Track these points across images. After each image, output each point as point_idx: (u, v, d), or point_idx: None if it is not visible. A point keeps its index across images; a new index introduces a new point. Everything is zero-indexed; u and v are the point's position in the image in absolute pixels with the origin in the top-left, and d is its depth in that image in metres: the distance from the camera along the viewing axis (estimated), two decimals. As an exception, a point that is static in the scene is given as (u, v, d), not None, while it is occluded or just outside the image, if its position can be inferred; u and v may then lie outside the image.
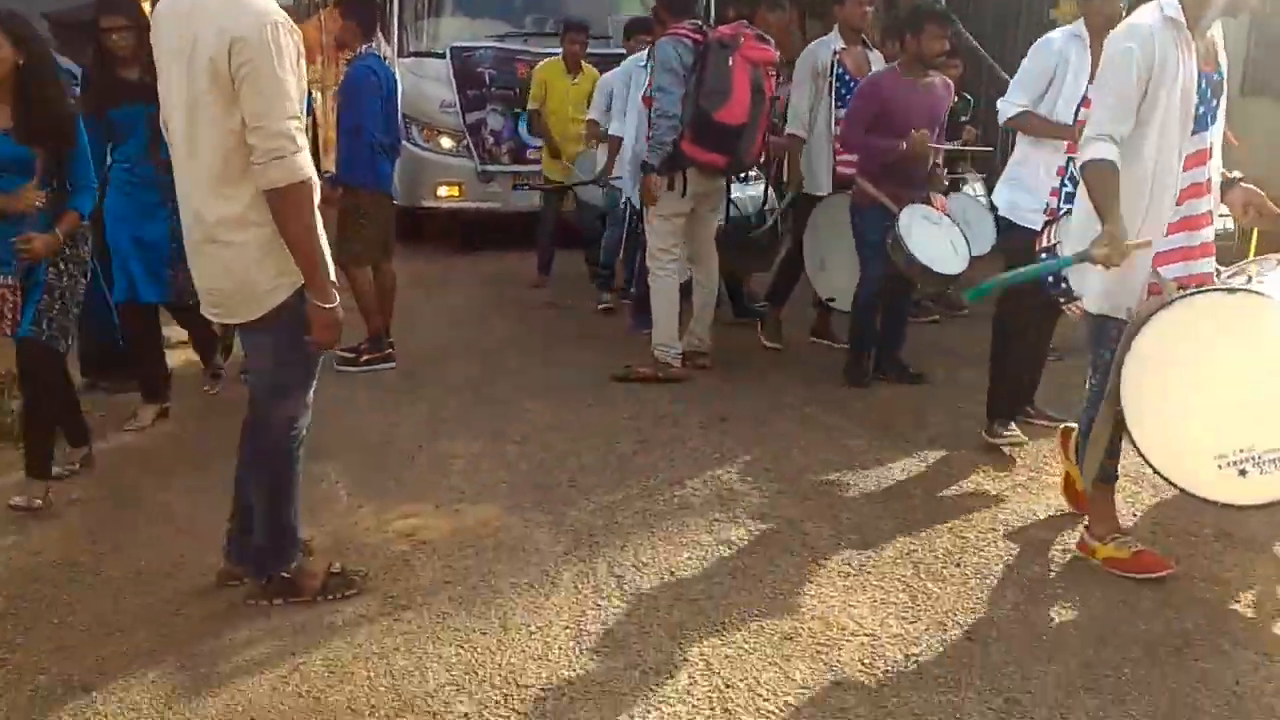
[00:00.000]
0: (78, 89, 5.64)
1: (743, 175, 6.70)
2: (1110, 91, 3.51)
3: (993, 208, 5.53)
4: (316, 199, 3.29)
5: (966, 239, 5.79)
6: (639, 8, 9.78)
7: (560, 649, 3.33)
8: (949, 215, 5.89)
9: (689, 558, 3.94)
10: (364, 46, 6.48)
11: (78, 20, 6.03)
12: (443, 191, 9.82)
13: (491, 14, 10.32)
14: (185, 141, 3.29)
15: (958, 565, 3.88)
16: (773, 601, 3.62)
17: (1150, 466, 3.62)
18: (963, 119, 7.88)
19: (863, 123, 5.84)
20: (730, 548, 4.02)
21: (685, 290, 6.40)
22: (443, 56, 9.74)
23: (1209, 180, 3.63)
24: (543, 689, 3.13)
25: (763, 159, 6.63)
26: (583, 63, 8.56)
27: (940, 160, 6.21)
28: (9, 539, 4.21)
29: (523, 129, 9.59)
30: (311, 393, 3.59)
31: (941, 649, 3.33)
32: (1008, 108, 4.97)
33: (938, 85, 5.95)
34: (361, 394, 5.92)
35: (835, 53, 6.56)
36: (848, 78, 6.51)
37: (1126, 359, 3.49)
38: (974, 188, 8.09)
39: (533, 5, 10.52)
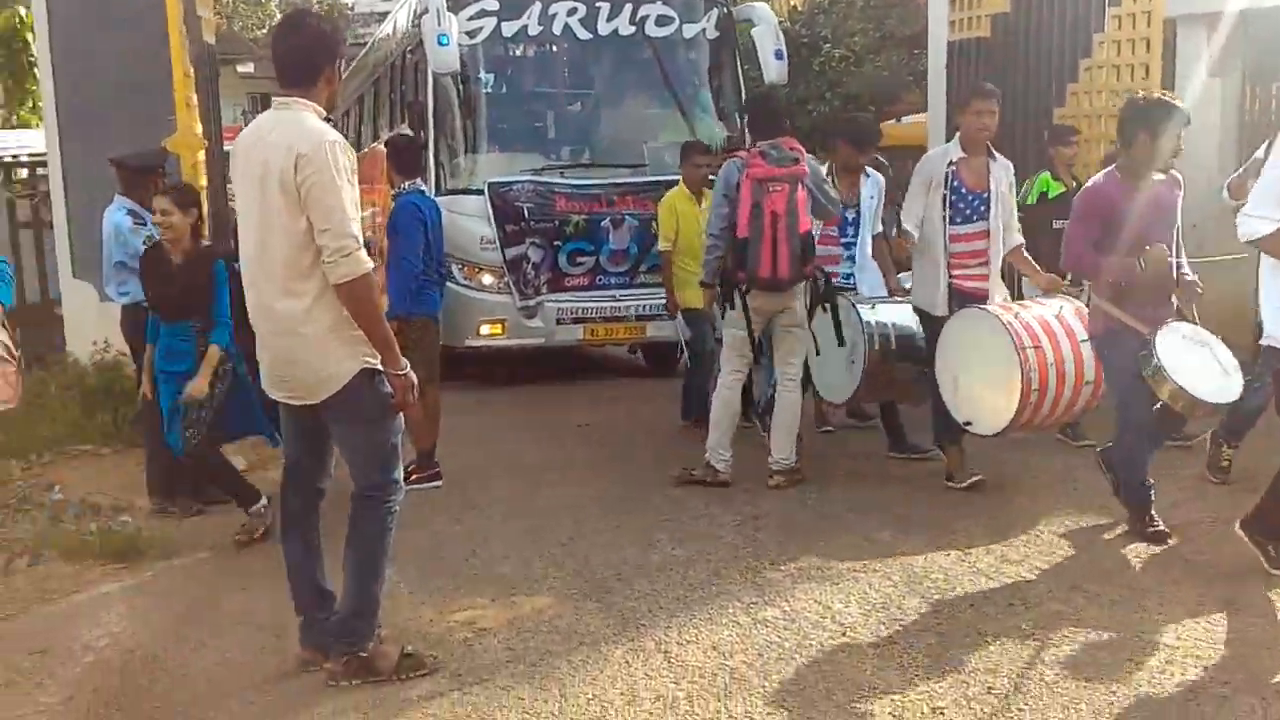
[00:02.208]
0: (143, 227, 6.25)
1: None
2: None
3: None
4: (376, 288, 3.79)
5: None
6: (675, 135, 9.90)
7: (616, 712, 3.67)
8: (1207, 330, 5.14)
9: (729, 635, 4.27)
10: (407, 183, 7.03)
11: (141, 165, 6.62)
12: (485, 330, 9.68)
13: (527, 148, 10.29)
14: (257, 248, 3.83)
15: (979, 633, 4.20)
16: (808, 667, 3.94)
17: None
18: None
19: (1087, 239, 5.16)
20: (766, 625, 4.35)
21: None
22: (480, 193, 9.60)
23: None
24: (602, 745, 3.47)
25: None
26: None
27: (1185, 265, 5.28)
28: (102, 640, 4.60)
29: (562, 259, 9.59)
30: (400, 470, 4.01)
31: (964, 703, 3.64)
32: (1257, 224, 4.58)
33: (1165, 184, 5.23)
34: (411, 509, 6.27)
35: (952, 163, 6.12)
36: (964, 190, 6.10)
37: None
38: None
39: (568, 138, 10.57)
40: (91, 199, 8.04)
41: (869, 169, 7.16)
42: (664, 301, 8.07)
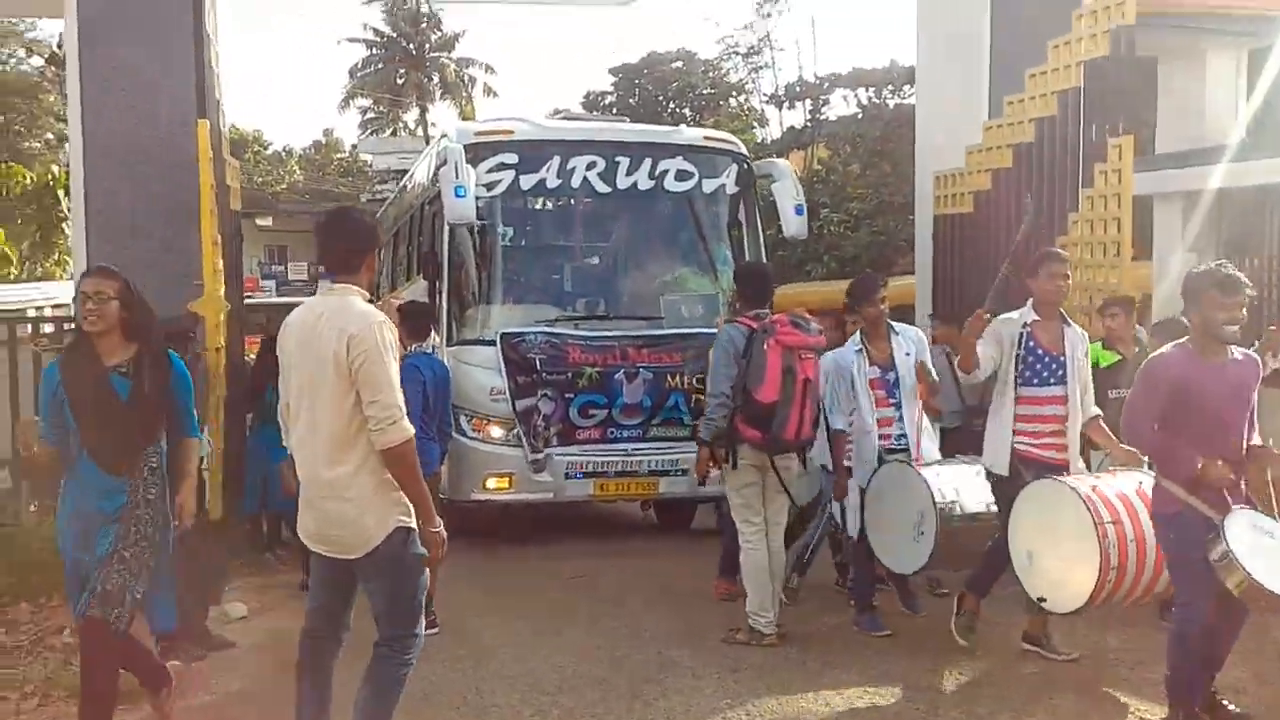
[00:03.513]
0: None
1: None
2: None
3: None
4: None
5: None
6: (693, 289, 10.19)
7: None
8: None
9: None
10: (415, 345, 7.47)
11: (171, 331, 7.01)
12: (492, 484, 9.34)
13: (542, 300, 10.12)
14: (309, 420, 4.25)
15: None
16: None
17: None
18: None
19: (1150, 415, 4.93)
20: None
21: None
22: (493, 343, 9.37)
23: None
24: None
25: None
26: None
27: (1257, 437, 5.03)
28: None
29: (574, 412, 9.30)
30: (422, 624, 4.37)
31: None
32: None
33: (1244, 363, 4.98)
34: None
35: (1026, 325, 6.10)
36: (1040, 351, 6.06)
37: None
38: None
39: (584, 290, 10.36)
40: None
41: (895, 326, 7.08)
42: (678, 458, 8.30)
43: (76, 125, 8.85)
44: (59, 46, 23.89)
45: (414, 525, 4.25)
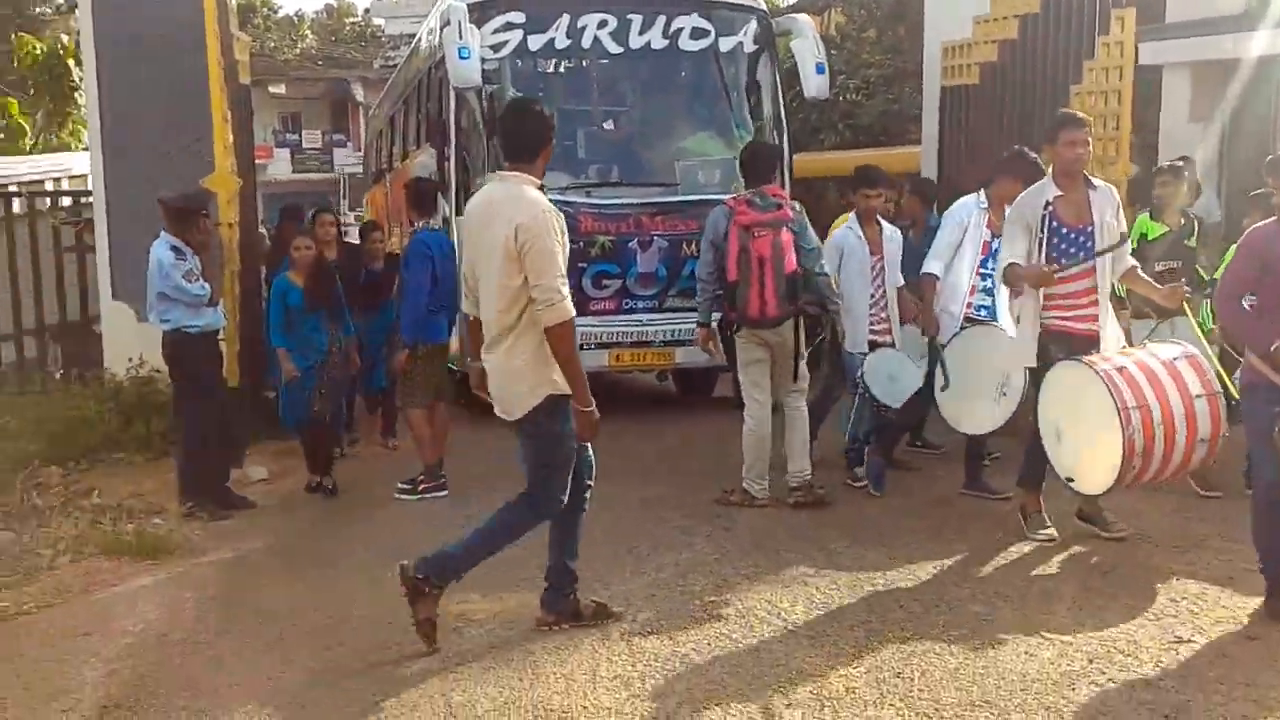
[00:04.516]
0: (184, 262, 6.93)
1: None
2: None
3: None
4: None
5: None
6: (710, 153, 9.82)
7: (578, 686, 4.29)
8: None
9: (686, 627, 4.88)
10: (421, 221, 7.70)
11: (185, 206, 7.28)
12: None
13: (553, 167, 9.40)
14: (485, 293, 4.69)
15: (901, 628, 4.79)
16: (749, 653, 4.56)
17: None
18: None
19: (1242, 285, 4.89)
20: (720, 620, 4.95)
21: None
22: None
23: None
24: (563, 713, 4.07)
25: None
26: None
27: None
28: (139, 625, 5.27)
29: (587, 282, 9.06)
30: (556, 497, 4.78)
31: (875, 684, 4.23)
32: None
33: None
34: (419, 516, 6.93)
35: (1048, 203, 5.75)
36: (1065, 230, 5.75)
37: None
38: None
39: (596, 156, 10.05)
40: (132, 228, 8.71)
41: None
42: (695, 327, 8.44)
43: (87, 9, 8.97)
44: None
45: (565, 393, 4.62)
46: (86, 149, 11.05)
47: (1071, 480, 5.64)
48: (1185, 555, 5.65)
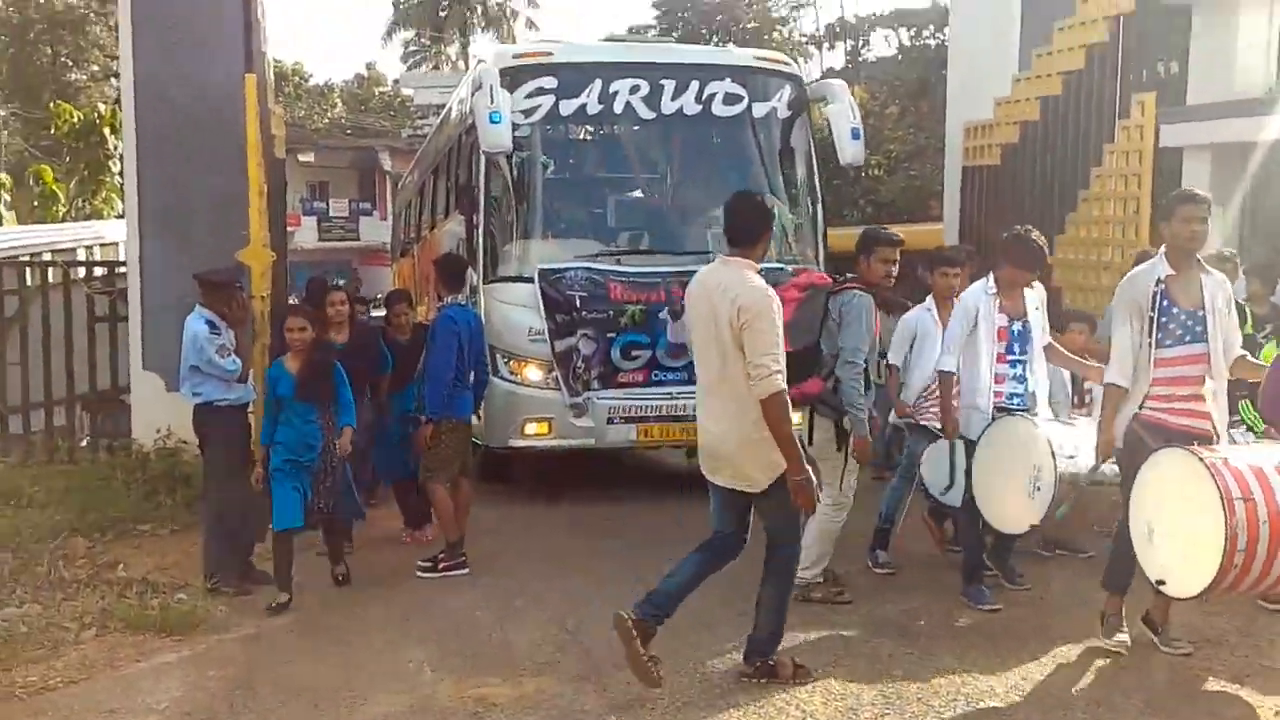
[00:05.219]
0: (218, 336, 7.02)
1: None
2: None
3: None
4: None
5: None
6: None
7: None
8: None
9: (705, 717, 4.88)
10: (449, 297, 7.79)
11: (220, 280, 7.40)
12: (530, 429, 9.00)
13: (583, 234, 9.63)
14: (718, 374, 5.08)
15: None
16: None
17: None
18: None
19: None
20: (738, 709, 4.97)
21: None
22: (531, 280, 8.96)
23: None
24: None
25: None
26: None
27: None
28: (163, 703, 5.30)
29: (616, 353, 8.94)
30: (803, 536, 5.38)
31: None
32: None
33: None
34: (439, 594, 6.95)
35: (1160, 281, 5.42)
36: (1175, 310, 5.39)
37: None
38: None
39: (627, 223, 9.90)
40: (164, 298, 8.88)
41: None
42: None
43: (129, 82, 9.19)
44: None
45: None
46: (120, 217, 11.27)
47: (1163, 583, 5.13)
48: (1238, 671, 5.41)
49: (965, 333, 6.41)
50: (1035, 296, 6.49)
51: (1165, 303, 5.37)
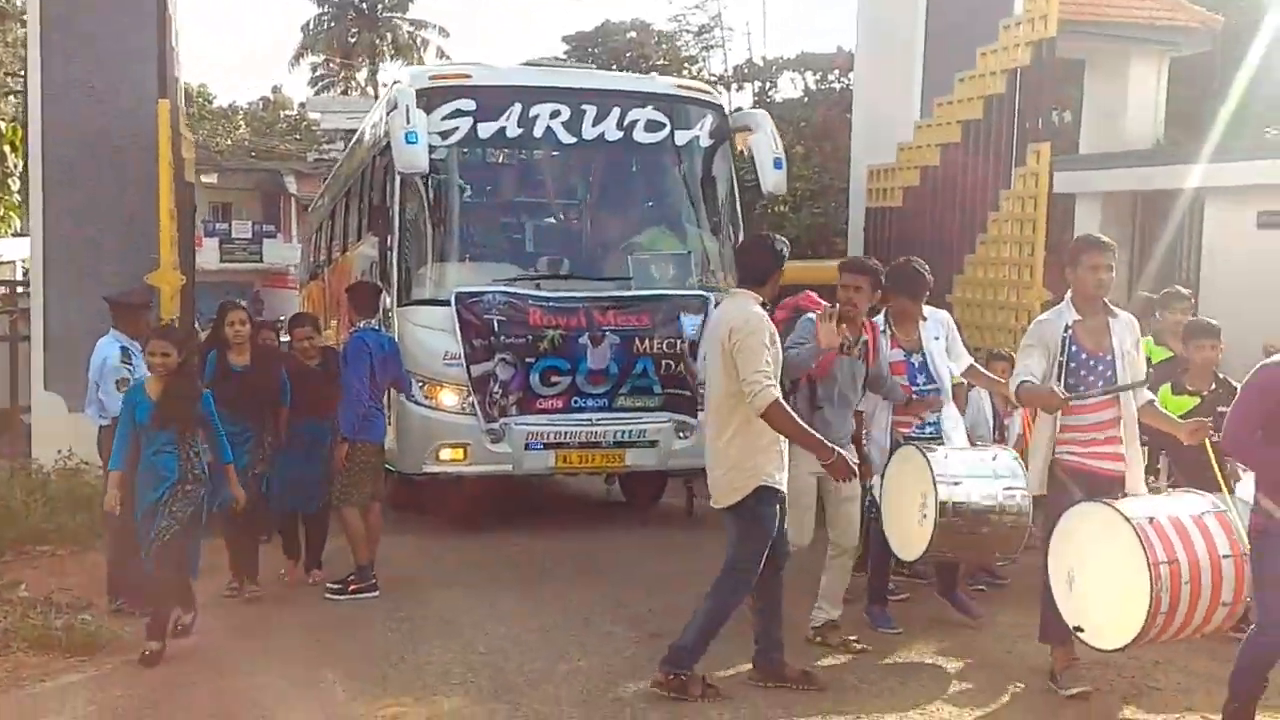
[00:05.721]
0: (127, 366, 6.96)
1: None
2: None
3: None
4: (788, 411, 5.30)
5: None
6: (663, 248, 9.61)
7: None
8: None
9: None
10: (363, 321, 7.82)
11: (132, 303, 7.36)
12: (445, 455, 8.79)
13: (501, 258, 9.48)
14: (713, 397, 5.46)
15: None
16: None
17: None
18: None
19: (1253, 424, 4.67)
20: (650, 728, 5.09)
21: None
22: (447, 303, 8.76)
23: None
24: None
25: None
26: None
27: None
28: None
29: (534, 379, 8.77)
30: (760, 566, 5.38)
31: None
32: None
33: None
34: (349, 618, 6.96)
35: (1069, 327, 5.47)
36: (1085, 355, 5.44)
37: None
38: None
39: (547, 248, 9.74)
40: (68, 320, 8.78)
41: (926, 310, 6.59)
42: (646, 428, 8.61)
43: (36, 103, 9.11)
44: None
45: (772, 486, 5.32)
46: (18, 235, 11.09)
47: (1080, 630, 5.12)
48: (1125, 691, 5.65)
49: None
50: (936, 325, 6.54)
51: (1074, 348, 5.42)
